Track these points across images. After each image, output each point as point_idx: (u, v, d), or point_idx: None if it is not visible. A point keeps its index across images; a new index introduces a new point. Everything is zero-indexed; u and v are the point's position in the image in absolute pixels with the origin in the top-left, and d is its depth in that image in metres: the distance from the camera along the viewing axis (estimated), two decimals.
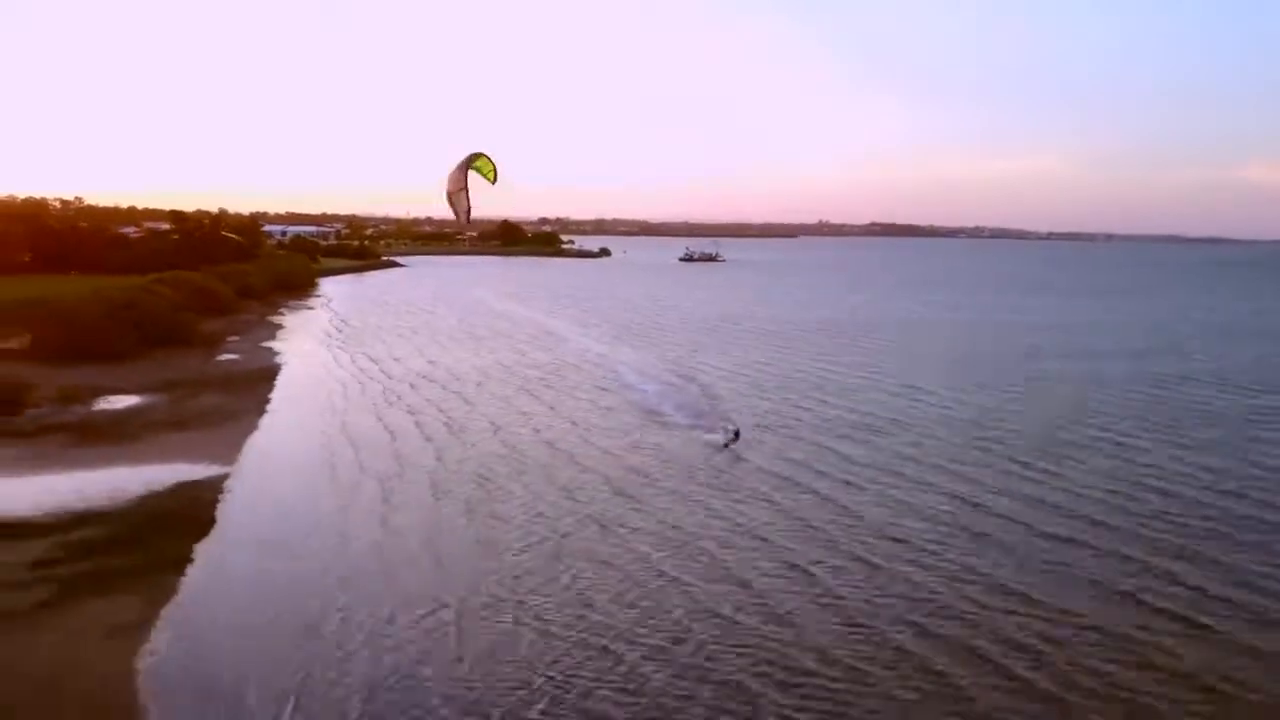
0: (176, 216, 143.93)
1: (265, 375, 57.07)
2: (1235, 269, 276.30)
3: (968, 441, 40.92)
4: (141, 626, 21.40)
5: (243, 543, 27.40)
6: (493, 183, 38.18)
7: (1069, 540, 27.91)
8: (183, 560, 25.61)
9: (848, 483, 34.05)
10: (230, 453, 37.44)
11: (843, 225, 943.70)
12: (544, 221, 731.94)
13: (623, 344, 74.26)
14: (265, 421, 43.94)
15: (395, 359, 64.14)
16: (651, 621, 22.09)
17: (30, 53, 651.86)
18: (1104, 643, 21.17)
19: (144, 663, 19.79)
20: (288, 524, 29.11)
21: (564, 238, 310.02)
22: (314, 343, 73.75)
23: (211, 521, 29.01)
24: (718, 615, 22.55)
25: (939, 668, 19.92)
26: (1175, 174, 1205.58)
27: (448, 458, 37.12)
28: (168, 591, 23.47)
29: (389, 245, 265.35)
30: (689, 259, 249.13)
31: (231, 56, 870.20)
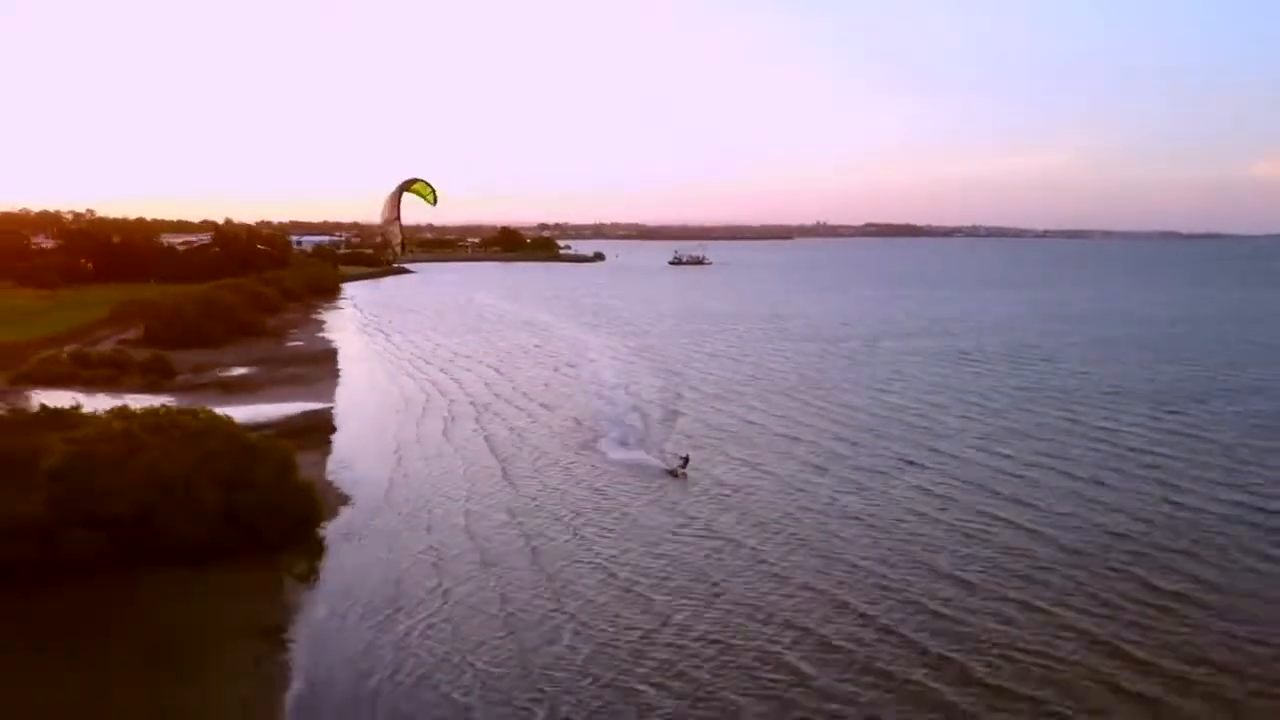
0: (219, 232, 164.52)
1: (329, 355, 77.47)
2: (1207, 263, 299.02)
3: (771, 380, 61.90)
4: (322, 462, 41.61)
5: (350, 433, 47.99)
6: (433, 204, 37.08)
7: (793, 437, 48.03)
8: (326, 442, 45.81)
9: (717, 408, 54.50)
10: (328, 396, 57.88)
11: (839, 226, 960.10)
12: (543, 227, 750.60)
13: (588, 331, 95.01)
14: (342, 380, 64.44)
15: (407, 343, 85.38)
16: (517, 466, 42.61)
17: (33, 61, 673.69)
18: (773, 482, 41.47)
19: (328, 472, 40.00)
20: (369, 426, 50.07)
21: (561, 243, 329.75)
22: (354, 334, 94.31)
23: (334, 428, 49.31)
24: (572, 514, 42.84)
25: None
26: (1180, 171, 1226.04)
27: (432, 398, 58.54)
28: (326, 451, 43.68)
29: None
30: (677, 262, 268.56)
31: (230, 67, 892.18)
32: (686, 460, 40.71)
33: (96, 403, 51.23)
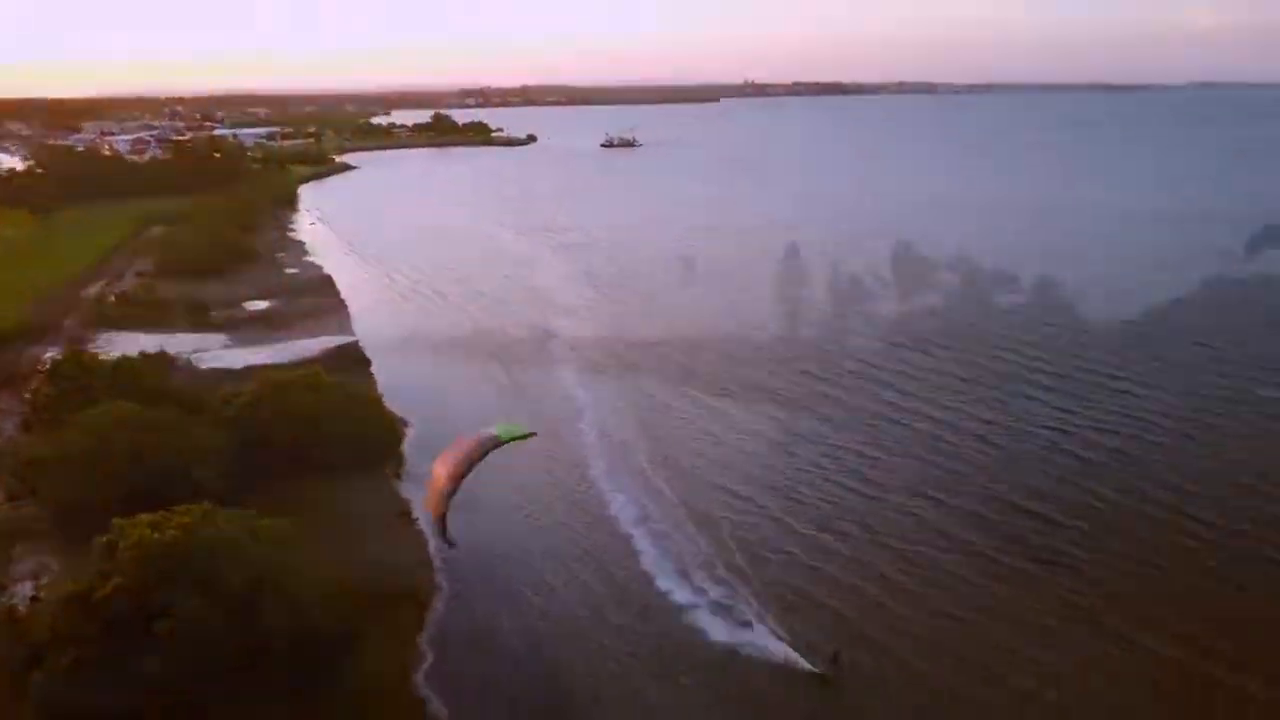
0: (177, 147, 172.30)
1: (327, 282, 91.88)
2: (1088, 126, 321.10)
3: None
4: (376, 392, 57.67)
5: (381, 363, 63.77)
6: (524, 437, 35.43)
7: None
8: (369, 375, 61.50)
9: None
10: (348, 329, 73.42)
11: (767, 85, 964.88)
12: (466, 94, 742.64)
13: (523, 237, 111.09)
14: (351, 312, 79.64)
15: (387, 266, 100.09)
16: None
17: None
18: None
19: (382, 390, 56.14)
20: (392, 357, 65.78)
21: (492, 127, 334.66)
22: (338, 257, 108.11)
23: (368, 360, 65.01)
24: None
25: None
26: (1115, 19, 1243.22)
27: (416, 311, 74.18)
28: (372, 383, 59.51)
29: (332, 140, 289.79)
30: (609, 145, 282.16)
31: None
32: (837, 656, 32.22)
33: (165, 342, 65.92)
